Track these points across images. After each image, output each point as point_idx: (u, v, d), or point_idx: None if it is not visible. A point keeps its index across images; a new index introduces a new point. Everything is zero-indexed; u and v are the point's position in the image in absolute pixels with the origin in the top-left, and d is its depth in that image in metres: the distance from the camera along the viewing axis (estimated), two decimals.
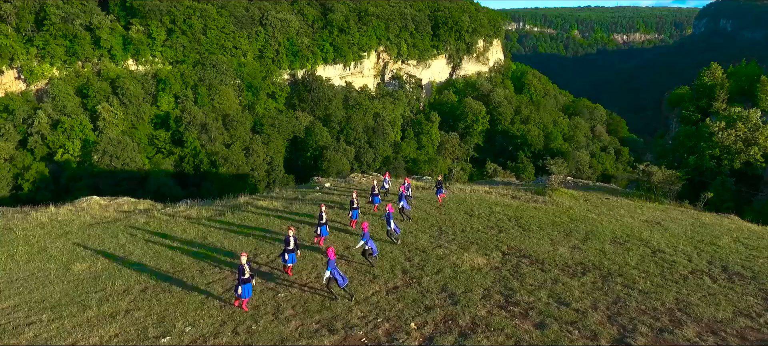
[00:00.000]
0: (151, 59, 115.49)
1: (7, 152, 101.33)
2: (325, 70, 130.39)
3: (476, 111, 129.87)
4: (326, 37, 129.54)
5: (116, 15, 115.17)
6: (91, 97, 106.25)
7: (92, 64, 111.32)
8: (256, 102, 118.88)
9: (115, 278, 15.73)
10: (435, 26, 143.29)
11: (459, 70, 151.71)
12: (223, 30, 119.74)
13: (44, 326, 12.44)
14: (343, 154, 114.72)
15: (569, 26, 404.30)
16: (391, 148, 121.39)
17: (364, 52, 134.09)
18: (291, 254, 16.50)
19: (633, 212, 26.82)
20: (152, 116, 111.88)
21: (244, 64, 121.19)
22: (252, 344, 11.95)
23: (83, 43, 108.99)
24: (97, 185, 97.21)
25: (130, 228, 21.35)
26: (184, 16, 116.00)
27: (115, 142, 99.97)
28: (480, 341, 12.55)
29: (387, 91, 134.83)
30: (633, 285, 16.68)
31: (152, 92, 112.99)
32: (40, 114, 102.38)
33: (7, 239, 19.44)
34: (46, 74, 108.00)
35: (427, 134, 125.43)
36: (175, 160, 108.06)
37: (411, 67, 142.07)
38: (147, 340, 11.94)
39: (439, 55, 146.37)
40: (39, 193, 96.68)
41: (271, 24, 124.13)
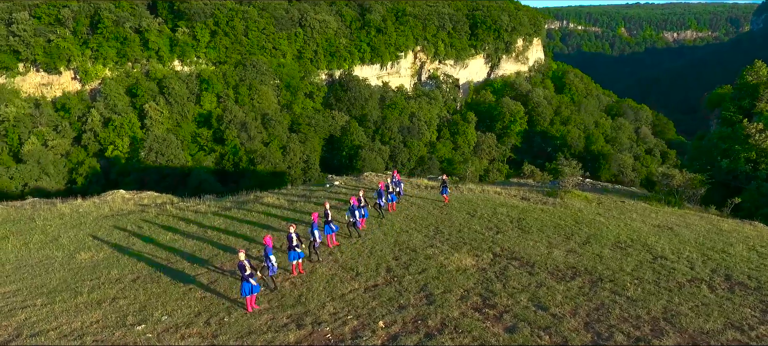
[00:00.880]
0: (195, 60, 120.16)
1: (64, 148, 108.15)
2: (362, 70, 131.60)
3: (514, 111, 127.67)
4: (363, 37, 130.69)
5: (164, 18, 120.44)
6: (139, 96, 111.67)
7: (141, 65, 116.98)
8: (294, 101, 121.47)
9: (112, 267, 16.84)
10: (473, 25, 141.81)
11: (497, 69, 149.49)
12: (264, 31, 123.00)
13: (36, 310, 13.57)
14: (377, 154, 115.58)
15: (616, 24, 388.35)
16: (426, 149, 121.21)
17: (401, 52, 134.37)
18: (292, 252, 16.57)
19: (646, 217, 25.98)
20: (195, 115, 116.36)
21: (284, 64, 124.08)
22: (219, 334, 12.57)
23: (133, 45, 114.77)
24: (144, 180, 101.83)
25: (140, 220, 22.63)
26: (227, 19, 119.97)
27: (161, 139, 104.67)
28: (444, 342, 12.70)
29: (423, 91, 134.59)
30: (622, 292, 16.30)
31: (196, 92, 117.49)
32: (93, 112, 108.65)
33: (27, 228, 21.11)
34: (100, 75, 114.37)
35: (463, 135, 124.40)
36: (216, 158, 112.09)
37: (448, 67, 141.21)
38: (124, 327, 12.81)
39: (477, 54, 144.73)
40: (91, 187, 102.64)
41: (310, 25, 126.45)
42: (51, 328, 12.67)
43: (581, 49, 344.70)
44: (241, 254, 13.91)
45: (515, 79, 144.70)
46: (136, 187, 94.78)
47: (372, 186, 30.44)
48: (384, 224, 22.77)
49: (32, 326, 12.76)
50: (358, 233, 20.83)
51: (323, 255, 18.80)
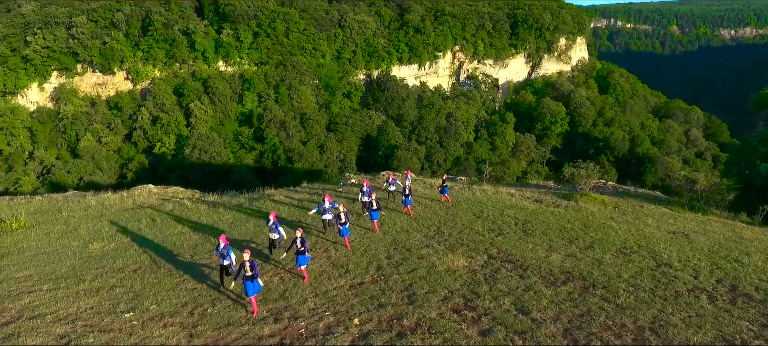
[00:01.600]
0: (238, 61, 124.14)
1: (116, 144, 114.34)
2: (400, 70, 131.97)
3: (555, 112, 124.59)
4: (402, 37, 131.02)
5: (210, 20, 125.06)
6: (185, 95, 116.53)
7: (188, 66, 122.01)
8: (332, 101, 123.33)
9: (119, 257, 18.00)
10: (514, 24, 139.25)
11: (538, 69, 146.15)
12: (304, 32, 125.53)
13: (40, 295, 14.76)
14: (413, 154, 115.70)
15: (667, 22, 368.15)
16: (462, 149, 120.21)
17: (440, 51, 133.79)
18: (300, 256, 16.48)
19: (662, 222, 25.07)
20: (238, 114, 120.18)
21: (323, 64, 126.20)
22: (199, 325, 13.30)
23: (181, 46, 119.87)
24: (188, 176, 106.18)
25: (156, 213, 23.92)
26: (269, 20, 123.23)
27: (204, 137, 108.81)
28: (414, 341, 12.90)
29: (461, 91, 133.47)
30: (612, 299, 15.96)
31: (238, 92, 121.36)
32: (143, 111, 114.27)
33: (53, 218, 22.78)
34: (150, 75, 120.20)
35: (502, 135, 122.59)
36: (256, 156, 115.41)
37: (487, 67, 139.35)
38: (114, 313, 13.76)
39: (518, 54, 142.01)
40: (139, 181, 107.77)
41: (349, 26, 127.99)
42: (49, 312, 13.79)
43: (629, 48, 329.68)
44: (245, 254, 14.03)
45: (557, 79, 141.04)
46: (181, 182, 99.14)
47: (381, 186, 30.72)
48: (385, 223, 23.11)
49: (33, 310, 13.92)
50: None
51: (317, 252, 19.36)
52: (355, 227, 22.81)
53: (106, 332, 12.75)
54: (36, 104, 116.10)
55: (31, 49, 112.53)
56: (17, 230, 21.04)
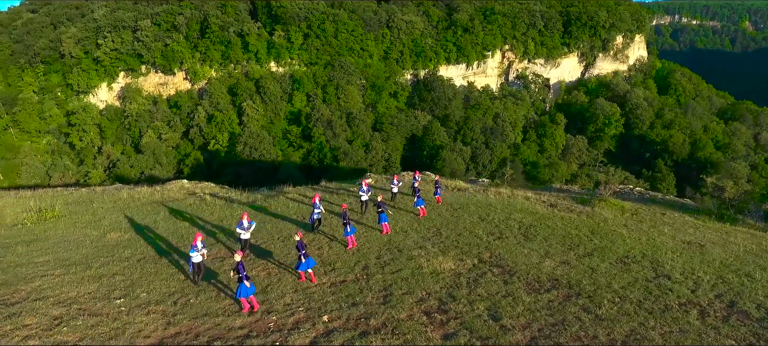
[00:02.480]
0: (289, 61, 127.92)
1: (174, 141, 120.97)
2: (448, 70, 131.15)
3: (609, 113, 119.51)
4: (450, 37, 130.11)
5: (263, 22, 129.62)
6: (239, 95, 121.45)
7: (241, 66, 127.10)
8: (379, 101, 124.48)
9: (129, 247, 19.55)
10: (567, 23, 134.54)
11: (592, 68, 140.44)
12: (353, 33, 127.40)
13: (50, 279, 16.40)
14: (458, 155, 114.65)
15: (739, 18, 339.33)
16: (509, 150, 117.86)
17: (488, 51, 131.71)
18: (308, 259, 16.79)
19: (678, 231, 23.96)
20: (287, 113, 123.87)
21: (370, 65, 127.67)
22: (179, 313, 14.36)
23: (235, 48, 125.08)
24: (239, 172, 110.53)
25: (176, 207, 25.56)
26: (319, 22, 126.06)
27: (255, 135, 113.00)
28: (373, 341, 13.31)
29: (510, 91, 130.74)
30: (593, 309, 15.65)
31: (288, 91, 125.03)
32: (200, 110, 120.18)
33: (83, 209, 24.93)
34: (206, 75, 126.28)
35: (551, 137, 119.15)
36: (303, 154, 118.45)
37: (538, 66, 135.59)
38: (108, 299, 15.11)
39: (570, 53, 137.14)
40: (195, 176, 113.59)
41: (397, 26, 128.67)
42: (52, 295, 15.33)
43: (695, 46, 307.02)
44: (237, 255, 14.59)
45: (612, 78, 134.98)
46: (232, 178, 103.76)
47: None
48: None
49: (40, 292, 15.53)
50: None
51: (310, 249, 20.08)
52: (357, 225, 23.44)
53: (95, 316, 14.05)
54: (105, 103, 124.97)
55: (102, 51, 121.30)
56: (50, 219, 23.26)
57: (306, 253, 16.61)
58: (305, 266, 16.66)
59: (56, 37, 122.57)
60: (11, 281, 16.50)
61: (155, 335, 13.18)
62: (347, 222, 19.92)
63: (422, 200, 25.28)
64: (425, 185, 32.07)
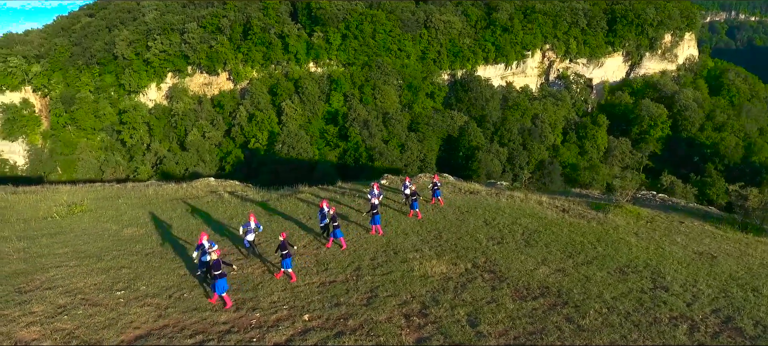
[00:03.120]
0: (327, 62, 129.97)
1: (217, 139, 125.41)
2: (486, 70, 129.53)
3: (655, 115, 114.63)
4: (488, 36, 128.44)
5: (303, 23, 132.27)
6: (279, 95, 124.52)
7: (282, 67, 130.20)
8: (415, 101, 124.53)
9: (140, 241, 20.80)
10: (611, 21, 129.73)
11: (638, 68, 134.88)
12: (390, 33, 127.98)
13: (64, 270, 17.76)
14: (494, 156, 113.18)
15: None
16: (547, 152, 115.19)
17: (528, 50, 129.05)
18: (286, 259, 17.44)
19: (692, 241, 23.06)
20: (324, 113, 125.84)
21: (407, 65, 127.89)
22: (170, 307, 15.30)
23: (276, 49, 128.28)
24: (277, 170, 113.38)
25: (195, 204, 26.83)
26: (357, 22, 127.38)
27: (293, 134, 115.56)
28: (346, 341, 13.74)
29: (550, 91, 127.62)
30: (577, 319, 15.50)
31: (326, 91, 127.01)
32: (241, 109, 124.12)
33: (109, 204, 26.64)
34: (248, 76, 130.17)
35: (592, 139, 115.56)
36: (340, 153, 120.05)
37: (580, 66, 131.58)
38: (110, 290, 16.25)
39: (615, 52, 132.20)
40: (235, 174, 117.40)
41: (435, 26, 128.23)
42: (62, 284, 16.63)
43: (753, 44, 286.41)
44: (215, 253, 15.41)
45: (659, 78, 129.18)
46: (271, 176, 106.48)
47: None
48: (389, 224, 23.90)
49: (52, 281, 16.87)
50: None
51: (309, 248, 20.74)
52: (359, 226, 23.93)
53: (95, 306, 15.19)
54: (154, 102, 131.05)
55: (151, 53, 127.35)
56: (78, 213, 25.01)
57: (287, 253, 17.19)
58: (284, 265, 17.28)
59: (110, 40, 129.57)
60: (30, 270, 18.00)
61: (145, 327, 14.12)
62: (336, 225, 20.28)
63: (417, 203, 25.45)
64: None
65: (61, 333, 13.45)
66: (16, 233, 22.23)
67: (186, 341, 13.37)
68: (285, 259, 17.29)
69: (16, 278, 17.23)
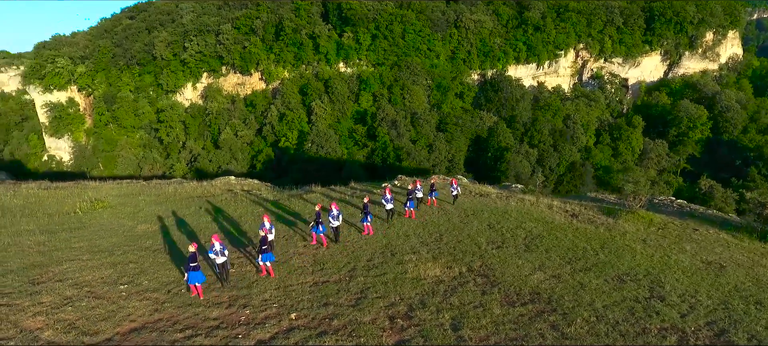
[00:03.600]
0: (357, 62, 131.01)
1: (249, 138, 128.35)
2: (517, 70, 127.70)
3: (694, 116, 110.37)
4: (520, 36, 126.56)
5: (333, 24, 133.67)
6: (309, 95, 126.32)
7: (312, 67, 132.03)
8: (444, 101, 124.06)
9: (151, 237, 21.83)
10: (649, 19, 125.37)
11: (677, 68, 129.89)
12: (420, 33, 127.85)
13: (76, 263, 18.87)
14: (524, 157, 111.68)
15: None
16: (579, 154, 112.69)
17: (561, 50, 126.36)
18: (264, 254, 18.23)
19: (703, 249, 22.39)
20: (353, 112, 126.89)
21: (436, 65, 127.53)
22: (166, 301, 16.08)
23: (307, 49, 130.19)
24: (306, 169, 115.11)
25: (210, 202, 27.86)
26: (387, 23, 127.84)
27: (322, 133, 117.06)
28: (326, 341, 14.14)
29: (583, 91, 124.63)
30: (562, 327, 15.43)
31: (355, 91, 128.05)
32: (273, 108, 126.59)
33: (129, 201, 27.97)
34: (280, 76, 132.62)
35: (626, 140, 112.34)
36: (368, 153, 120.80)
37: (615, 66, 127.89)
38: (115, 284, 17.20)
39: (653, 51, 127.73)
40: (266, 172, 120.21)
41: (465, 26, 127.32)
42: (72, 277, 17.70)
43: None
44: (191, 246, 16.15)
45: (699, 78, 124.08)
46: (300, 174, 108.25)
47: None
48: (393, 225, 24.21)
49: (63, 274, 17.98)
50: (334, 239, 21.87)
51: (309, 248, 21.27)
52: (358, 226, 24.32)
53: (98, 299, 16.13)
54: (189, 101, 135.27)
55: (188, 53, 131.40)
56: (99, 209, 26.39)
57: (267, 249, 17.76)
58: (264, 258, 17.95)
59: (150, 41, 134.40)
60: (46, 262, 19.21)
61: (140, 320, 14.93)
62: (320, 222, 20.82)
63: (413, 202, 25.65)
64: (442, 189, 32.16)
65: (63, 323, 14.39)
66: (40, 226, 23.72)
67: (176, 334, 14.07)
68: (264, 253, 17.92)
69: (32, 269, 18.44)
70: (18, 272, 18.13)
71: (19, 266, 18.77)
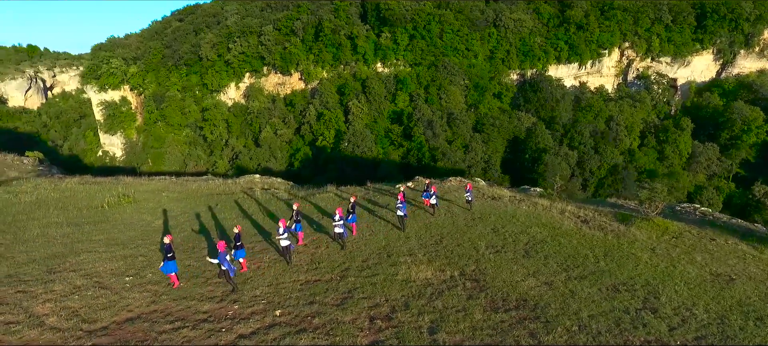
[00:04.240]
0: (394, 62, 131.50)
1: (288, 136, 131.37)
2: (558, 69, 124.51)
3: (749, 118, 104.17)
4: (561, 35, 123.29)
5: (371, 24, 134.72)
6: (346, 94, 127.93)
7: (350, 67, 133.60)
8: (481, 101, 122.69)
9: (166, 233, 23.01)
10: (700, 16, 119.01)
11: (731, 67, 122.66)
12: (458, 33, 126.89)
13: (92, 255, 20.30)
14: (563, 159, 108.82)
15: None
16: (622, 157, 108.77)
17: (604, 49, 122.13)
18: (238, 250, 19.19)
19: (715, 260, 21.49)
20: (390, 112, 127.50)
21: (474, 64, 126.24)
22: (163, 294, 17.12)
23: (345, 50, 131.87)
24: (342, 168, 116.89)
25: (227, 199, 29.10)
26: (425, 23, 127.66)
27: (359, 133, 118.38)
28: (302, 339, 14.67)
29: (628, 92, 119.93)
30: (542, 335, 15.37)
31: (392, 91, 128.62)
32: (311, 108, 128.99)
33: (152, 196, 29.61)
34: (319, 76, 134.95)
35: (673, 143, 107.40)
36: (403, 153, 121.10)
37: (663, 66, 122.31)
38: (122, 275, 18.43)
39: (704, 50, 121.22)
40: (303, 170, 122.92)
41: (505, 25, 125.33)
42: (85, 268, 19.09)
43: None
44: (166, 238, 17.26)
45: (756, 78, 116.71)
46: (336, 173, 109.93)
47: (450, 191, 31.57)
48: (396, 227, 24.55)
49: (78, 264, 19.41)
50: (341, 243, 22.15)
51: (309, 247, 21.93)
52: (373, 225, 24.79)
53: (104, 289, 17.37)
54: (232, 100, 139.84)
55: (232, 54, 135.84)
56: (124, 204, 28.11)
57: (240, 245, 18.87)
58: (235, 255, 18.91)
59: (196, 43, 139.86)
60: (66, 253, 20.77)
61: (137, 311, 16.00)
62: (297, 221, 21.57)
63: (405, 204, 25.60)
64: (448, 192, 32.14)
65: (68, 311, 15.63)
66: (68, 219, 25.57)
67: (165, 325, 15.02)
68: (237, 250, 18.90)
69: (53, 259, 19.99)
70: (39, 262, 19.71)
71: (42, 256, 20.38)
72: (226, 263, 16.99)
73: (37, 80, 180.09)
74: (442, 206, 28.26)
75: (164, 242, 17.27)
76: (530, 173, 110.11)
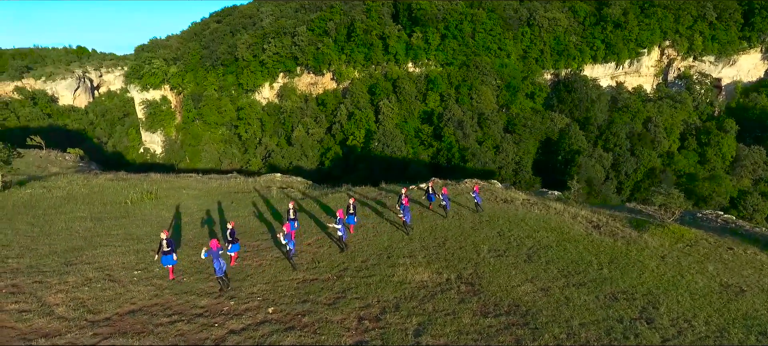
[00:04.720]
0: (426, 62, 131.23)
1: (319, 136, 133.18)
2: (593, 69, 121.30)
3: None
4: (597, 33, 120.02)
5: (403, 24, 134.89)
6: (377, 94, 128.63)
7: (381, 67, 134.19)
8: (513, 102, 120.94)
9: (179, 228, 24.01)
10: (748, 13, 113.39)
11: None
12: (491, 32, 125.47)
13: (108, 249, 21.44)
14: (597, 161, 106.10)
15: None
16: (660, 160, 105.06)
17: (643, 48, 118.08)
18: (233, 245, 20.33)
19: (728, 271, 20.67)
20: (420, 112, 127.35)
21: (506, 64, 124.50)
22: (167, 288, 17.96)
23: (377, 50, 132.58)
24: (372, 167, 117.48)
25: (243, 196, 30.05)
26: (457, 22, 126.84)
27: (389, 133, 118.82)
28: (289, 338, 15.11)
29: (668, 92, 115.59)
30: (528, 342, 15.26)
31: (423, 91, 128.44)
32: (342, 108, 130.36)
33: (173, 193, 30.82)
34: (350, 76, 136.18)
35: (716, 146, 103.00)
36: (433, 153, 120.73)
37: (706, 65, 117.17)
38: (131, 269, 19.41)
39: (751, 48, 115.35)
40: (334, 169, 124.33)
41: (539, 23, 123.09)
42: (99, 261, 20.19)
43: None
44: (163, 234, 18.22)
45: None
46: (366, 173, 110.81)
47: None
48: (402, 227, 24.77)
49: (93, 257, 20.54)
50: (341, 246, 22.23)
51: (312, 246, 22.43)
52: (379, 226, 25.09)
53: (112, 282, 18.36)
54: (266, 100, 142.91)
55: (266, 55, 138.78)
56: (146, 200, 29.44)
57: (233, 240, 19.86)
58: (231, 249, 19.93)
59: (233, 44, 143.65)
60: (84, 246, 22.01)
61: (139, 303, 16.87)
62: (292, 219, 22.45)
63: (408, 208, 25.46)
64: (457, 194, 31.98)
65: (76, 301, 16.64)
66: (92, 214, 27.03)
67: (163, 319, 15.79)
68: (233, 244, 20.02)
69: (72, 252, 21.22)
70: (59, 254, 20.97)
71: (63, 249, 21.66)
72: (215, 262, 17.52)
73: (84, 80, 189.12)
74: (452, 208, 28.23)
75: (161, 236, 18.19)
76: (563, 176, 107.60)
